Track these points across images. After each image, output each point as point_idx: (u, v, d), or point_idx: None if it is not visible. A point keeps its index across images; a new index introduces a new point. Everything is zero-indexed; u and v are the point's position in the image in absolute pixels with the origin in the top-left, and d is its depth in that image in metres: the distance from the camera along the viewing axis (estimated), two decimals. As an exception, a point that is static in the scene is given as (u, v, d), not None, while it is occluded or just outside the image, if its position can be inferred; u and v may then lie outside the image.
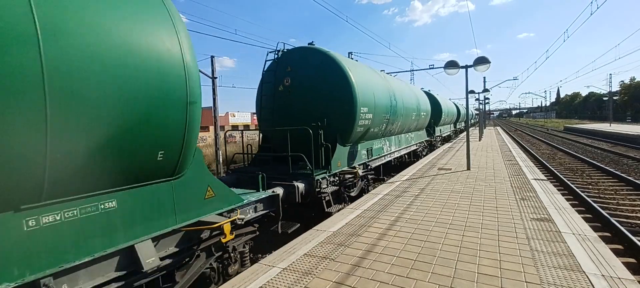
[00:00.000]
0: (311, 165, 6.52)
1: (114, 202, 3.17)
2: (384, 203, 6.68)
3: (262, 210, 5.39)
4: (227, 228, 4.17)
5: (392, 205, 6.46)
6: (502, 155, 14.12)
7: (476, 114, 57.59)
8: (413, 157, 15.00)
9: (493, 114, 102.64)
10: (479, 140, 23.30)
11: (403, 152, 13.18)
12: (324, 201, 6.83)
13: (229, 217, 4.35)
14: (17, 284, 2.28)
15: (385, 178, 10.83)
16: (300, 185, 6.28)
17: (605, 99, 64.29)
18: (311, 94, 7.62)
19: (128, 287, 3.27)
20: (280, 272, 3.75)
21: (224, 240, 4.21)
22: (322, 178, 6.86)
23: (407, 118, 12.24)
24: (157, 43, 3.33)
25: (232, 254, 4.59)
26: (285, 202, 5.99)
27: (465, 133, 16.60)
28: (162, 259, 3.56)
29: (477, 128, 41.92)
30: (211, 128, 22.15)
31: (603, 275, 3.37)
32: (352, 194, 8.15)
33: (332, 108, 7.48)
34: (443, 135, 24.73)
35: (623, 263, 3.72)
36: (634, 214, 7.67)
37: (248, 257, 4.87)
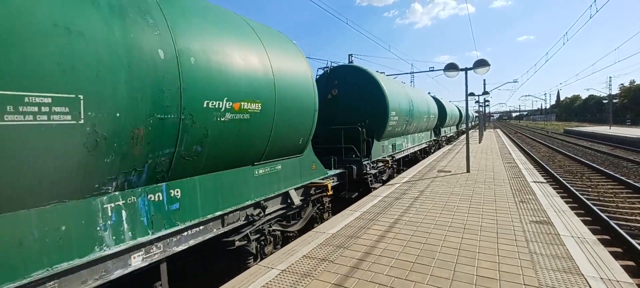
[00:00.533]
0: (359, 154, 8.79)
1: (280, 166, 5.51)
2: (384, 205, 6.68)
3: (336, 182, 7.71)
4: (329, 186, 6.61)
5: (392, 208, 6.47)
6: (502, 158, 14.13)
7: (476, 116, 57.67)
8: (423, 153, 17.59)
9: (493, 116, 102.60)
10: (479, 143, 23.32)
11: (416, 149, 15.57)
12: (368, 180, 9.08)
13: (325, 182, 6.64)
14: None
15: (404, 169, 13.01)
16: (354, 168, 8.49)
17: (605, 101, 64.37)
18: (354, 101, 9.69)
19: (287, 212, 5.76)
20: (279, 274, 3.75)
21: (328, 193, 6.66)
22: (367, 164, 9.08)
23: (420, 119, 14.37)
24: (305, 72, 5.95)
25: (325, 206, 7.14)
26: (343, 179, 8.22)
27: (464, 135, 17.78)
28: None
29: (477, 130, 42.01)
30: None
31: (602, 278, 3.37)
32: (384, 178, 10.46)
33: (370, 112, 9.61)
34: (447, 135, 27.09)
35: (622, 266, 3.72)
36: (633, 217, 7.68)
37: (330, 210, 7.43)
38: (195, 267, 4.77)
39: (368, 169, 9.06)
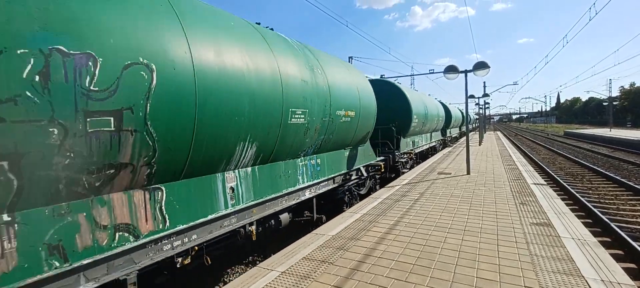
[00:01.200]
0: (393, 147, 11.68)
1: (356, 151, 8.65)
2: (384, 207, 6.67)
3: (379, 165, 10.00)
4: (382, 166, 9.63)
5: (392, 209, 6.45)
6: (502, 160, 14.12)
7: (476, 119, 57.71)
8: (433, 150, 20.72)
9: (493, 118, 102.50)
10: (479, 145, 23.30)
11: (429, 145, 19.12)
12: (398, 166, 12.08)
13: (380, 163, 9.68)
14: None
15: (420, 161, 16.13)
16: (390, 157, 11.21)
17: (605, 104, 64.30)
18: (388, 108, 11.93)
19: (359, 180, 8.79)
20: (278, 276, 3.74)
21: (381, 171, 9.67)
22: (397, 155, 11.89)
23: (432, 121, 17.77)
24: (370, 89, 9.00)
25: (376, 179, 10.17)
26: (386, 163, 10.66)
27: (461, 139, 19.43)
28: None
29: (477, 132, 42.10)
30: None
31: (602, 280, 3.36)
32: (407, 167, 13.38)
33: (399, 116, 12.59)
34: (452, 136, 30.80)
35: (623, 268, 3.71)
36: (634, 219, 7.66)
37: (378, 185, 10.37)
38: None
39: (398, 158, 12.05)
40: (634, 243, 5.85)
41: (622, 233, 6.34)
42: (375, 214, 6.17)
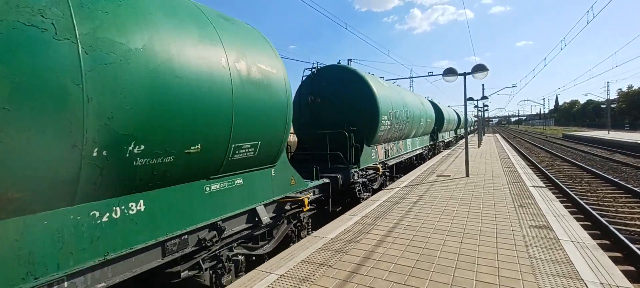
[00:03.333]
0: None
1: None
2: (382, 210, 6.66)
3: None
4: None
5: (391, 212, 6.44)
6: (501, 162, 14.13)
7: (475, 121, 57.82)
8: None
9: (492, 120, 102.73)
10: (478, 147, 23.33)
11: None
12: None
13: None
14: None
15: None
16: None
17: (603, 106, 64.52)
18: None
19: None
20: (277, 279, 3.72)
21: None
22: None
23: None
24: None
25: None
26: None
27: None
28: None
29: (476, 135, 42.10)
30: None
31: (601, 283, 3.35)
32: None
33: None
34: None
35: (622, 271, 3.70)
36: (633, 222, 7.67)
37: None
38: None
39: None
40: (632, 246, 5.85)
41: (621, 236, 6.35)
42: (374, 217, 6.16)
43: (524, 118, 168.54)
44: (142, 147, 3.09)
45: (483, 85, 26.26)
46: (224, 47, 4.13)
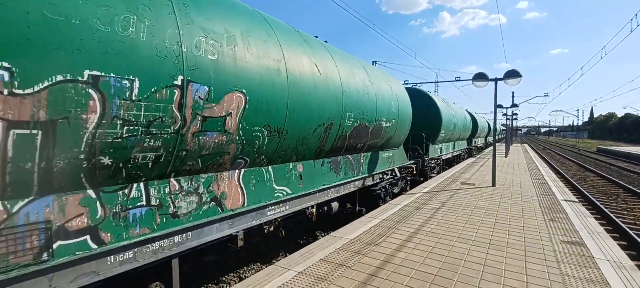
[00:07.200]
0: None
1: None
2: (403, 214, 6.52)
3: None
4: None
5: (412, 217, 6.29)
6: (530, 173, 13.55)
7: (503, 130, 55.90)
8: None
9: (521, 130, 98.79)
10: (505, 157, 22.51)
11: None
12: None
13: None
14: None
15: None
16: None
17: (643, 121, 60.65)
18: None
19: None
20: (295, 276, 3.70)
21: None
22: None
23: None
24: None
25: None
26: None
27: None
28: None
29: (503, 144, 40.86)
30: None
31: (642, 308, 3.11)
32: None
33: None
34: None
35: (665, 296, 3.43)
36: (675, 245, 7.12)
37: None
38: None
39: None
40: (675, 271, 5.43)
41: (662, 259, 5.91)
42: (394, 220, 6.03)
43: (554, 129, 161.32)
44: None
45: (513, 92, 25.34)
46: (368, 75, 7.57)
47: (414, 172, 10.47)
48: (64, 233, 2.61)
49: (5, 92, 2.14)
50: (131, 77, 2.78)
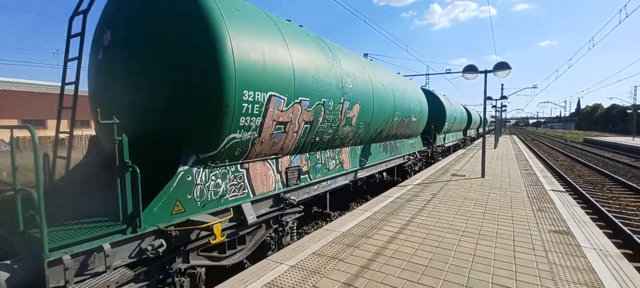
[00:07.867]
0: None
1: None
2: (395, 206, 6.56)
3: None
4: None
5: (403, 209, 6.34)
6: (518, 164, 13.76)
7: (491, 121, 56.57)
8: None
9: (509, 122, 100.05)
10: (494, 148, 22.81)
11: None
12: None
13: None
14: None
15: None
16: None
17: (629, 111, 62.06)
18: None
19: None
20: (288, 269, 3.69)
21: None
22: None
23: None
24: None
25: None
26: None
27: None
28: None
29: (492, 136, 41.28)
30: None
31: (626, 294, 3.19)
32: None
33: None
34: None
35: (648, 282, 3.52)
36: (657, 232, 7.32)
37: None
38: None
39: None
40: (658, 257, 5.59)
41: (645, 246, 6.07)
42: (386, 213, 6.07)
43: (542, 120, 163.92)
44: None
45: (502, 84, 25.60)
46: (403, 84, 10.86)
47: (429, 155, 14.29)
48: (303, 172, 5.77)
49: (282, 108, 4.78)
50: (339, 100, 6.12)
